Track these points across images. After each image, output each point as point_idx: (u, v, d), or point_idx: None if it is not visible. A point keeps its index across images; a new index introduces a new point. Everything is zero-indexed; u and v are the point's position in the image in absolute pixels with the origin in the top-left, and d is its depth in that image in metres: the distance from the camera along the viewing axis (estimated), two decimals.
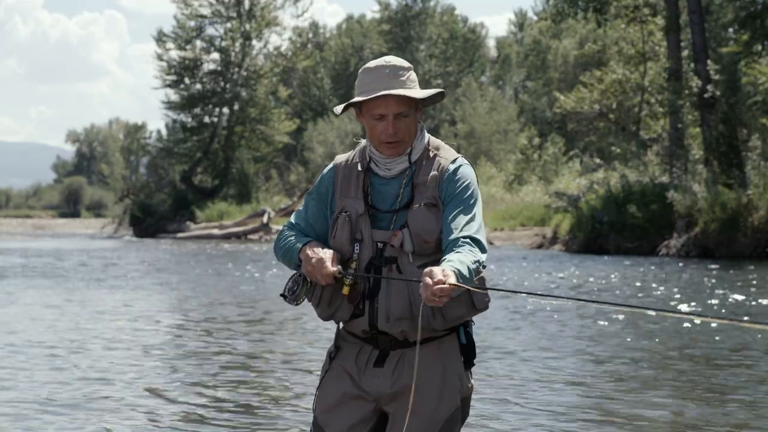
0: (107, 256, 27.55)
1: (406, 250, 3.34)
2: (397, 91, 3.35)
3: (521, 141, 52.93)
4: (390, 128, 3.37)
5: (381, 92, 3.35)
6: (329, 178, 3.52)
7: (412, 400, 3.28)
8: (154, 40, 55.49)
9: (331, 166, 3.54)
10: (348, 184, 3.46)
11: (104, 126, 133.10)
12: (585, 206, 28.58)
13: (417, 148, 3.45)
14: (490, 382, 8.14)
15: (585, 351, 9.96)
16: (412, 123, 3.42)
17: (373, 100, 3.38)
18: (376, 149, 3.45)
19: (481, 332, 10.78)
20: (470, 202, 3.40)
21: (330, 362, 3.50)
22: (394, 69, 3.40)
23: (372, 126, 3.41)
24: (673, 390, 8.00)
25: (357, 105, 3.44)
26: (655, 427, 6.74)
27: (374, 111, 3.39)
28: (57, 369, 8.91)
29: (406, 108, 3.39)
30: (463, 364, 3.46)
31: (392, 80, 3.38)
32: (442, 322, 3.35)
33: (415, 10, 73.19)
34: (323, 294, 3.41)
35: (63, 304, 14.62)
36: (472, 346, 3.48)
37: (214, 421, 6.93)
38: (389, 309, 3.34)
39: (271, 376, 8.67)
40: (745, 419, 6.91)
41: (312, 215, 3.53)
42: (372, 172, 3.46)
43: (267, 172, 57.82)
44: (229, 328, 11.96)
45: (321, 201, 3.52)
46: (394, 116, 3.37)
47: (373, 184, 3.44)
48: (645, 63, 35.47)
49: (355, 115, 3.51)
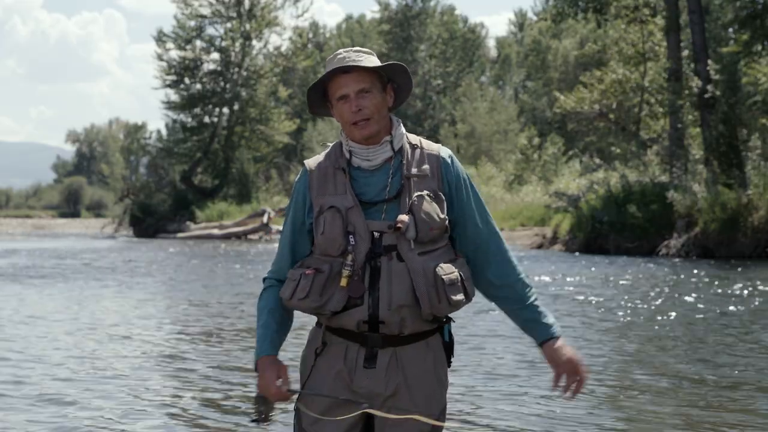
0: (107, 257, 27.55)
1: (408, 237, 3.30)
2: (352, 58, 3.34)
3: (521, 141, 52.93)
4: (353, 105, 3.33)
5: (335, 61, 3.35)
6: (303, 182, 3.44)
7: (408, 400, 3.27)
8: (154, 40, 55.53)
9: (303, 171, 3.47)
10: (324, 182, 3.39)
11: (104, 126, 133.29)
12: (585, 206, 28.57)
13: (397, 137, 3.40)
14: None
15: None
16: (378, 100, 3.36)
17: (332, 82, 3.35)
18: (351, 138, 3.39)
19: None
20: (478, 196, 3.48)
21: (311, 368, 3.39)
22: (348, 53, 3.39)
23: (340, 113, 3.37)
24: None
25: (328, 101, 3.41)
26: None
27: (336, 93, 3.36)
28: (57, 369, 8.91)
29: (367, 84, 3.34)
30: (446, 364, 3.45)
31: (346, 62, 3.36)
32: (448, 307, 3.32)
33: (415, 10, 73.21)
34: (314, 283, 3.32)
35: (63, 304, 14.62)
36: (453, 345, 3.47)
37: (214, 421, 6.93)
38: (391, 296, 3.27)
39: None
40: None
41: (293, 241, 3.44)
42: (352, 166, 3.40)
43: (267, 172, 57.82)
44: (229, 328, 11.96)
45: (297, 212, 3.43)
46: (355, 94, 3.33)
47: (355, 178, 3.38)
48: (645, 63, 35.47)
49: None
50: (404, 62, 3.77)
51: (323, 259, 3.35)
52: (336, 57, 3.39)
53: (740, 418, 6.96)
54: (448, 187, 3.40)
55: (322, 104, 3.47)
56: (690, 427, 6.73)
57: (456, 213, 3.41)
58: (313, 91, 3.43)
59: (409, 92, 3.49)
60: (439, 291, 3.29)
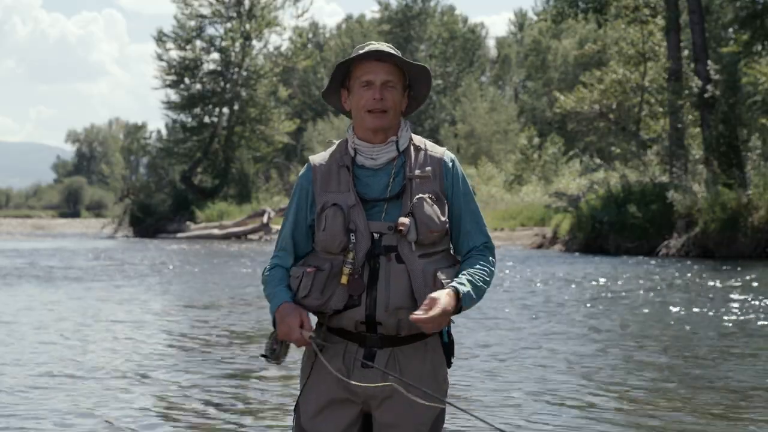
0: (107, 257, 27.54)
1: (409, 239, 3.31)
2: (386, 47, 3.38)
3: (521, 141, 52.94)
4: (377, 94, 3.35)
5: (370, 47, 3.38)
6: (307, 177, 3.45)
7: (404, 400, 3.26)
8: (154, 40, 55.50)
9: (308, 166, 3.48)
10: (328, 179, 3.41)
11: (104, 126, 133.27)
12: (585, 206, 28.58)
13: (403, 138, 3.43)
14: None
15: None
16: (398, 98, 3.40)
17: (361, 65, 3.38)
18: (362, 125, 3.41)
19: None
20: (474, 202, 3.46)
21: (312, 366, 3.40)
22: (382, 45, 3.42)
23: (359, 97, 3.39)
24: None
25: (346, 85, 3.44)
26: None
27: (362, 77, 3.38)
28: (57, 367, 8.91)
29: (393, 78, 3.38)
30: (446, 364, 3.45)
31: (383, 46, 3.40)
32: None
33: (415, 10, 73.21)
34: (314, 281, 3.33)
35: (62, 303, 14.62)
36: (453, 346, 3.48)
37: (214, 421, 6.93)
38: (389, 298, 3.28)
39: (273, 375, 8.67)
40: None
41: (293, 229, 3.45)
42: (356, 165, 3.42)
43: (267, 172, 57.80)
44: (230, 326, 11.96)
45: (300, 205, 3.44)
46: (381, 84, 3.37)
47: (358, 177, 3.40)
48: (645, 63, 35.45)
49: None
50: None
51: (324, 256, 3.36)
52: (369, 44, 3.42)
53: (740, 419, 6.96)
54: (449, 189, 3.42)
55: (335, 91, 3.49)
56: (690, 426, 6.73)
57: (453, 213, 3.42)
58: (339, 70, 3.44)
59: (421, 103, 3.53)
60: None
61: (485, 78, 77.56)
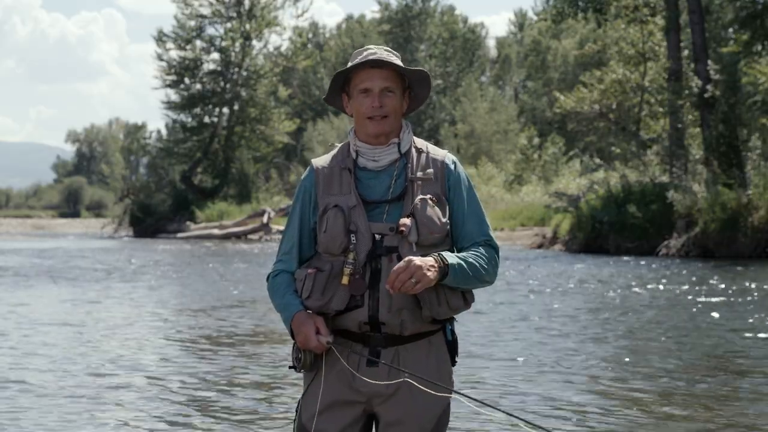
0: (107, 257, 27.55)
1: (410, 240, 3.33)
2: (384, 56, 3.38)
3: (521, 141, 52.95)
4: (376, 101, 3.38)
5: (368, 56, 3.38)
6: (310, 179, 3.47)
7: (409, 400, 3.28)
8: (154, 40, 55.50)
9: (310, 169, 3.50)
10: (330, 182, 3.43)
11: (104, 126, 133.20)
12: (585, 206, 28.58)
13: (405, 141, 3.45)
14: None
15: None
16: (397, 103, 3.42)
17: (359, 73, 3.39)
18: (363, 131, 3.43)
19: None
20: (477, 203, 3.47)
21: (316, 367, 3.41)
22: (380, 50, 3.43)
23: (359, 104, 3.41)
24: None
25: (346, 90, 3.45)
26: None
27: (360, 85, 3.40)
28: (56, 366, 8.91)
29: (392, 84, 3.41)
30: (450, 362, 3.46)
31: (378, 57, 3.41)
32: (447, 311, 3.35)
33: (415, 10, 73.20)
34: (315, 282, 3.36)
35: (63, 303, 14.62)
36: (456, 344, 3.48)
37: (214, 420, 6.93)
38: (391, 298, 3.30)
39: (273, 375, 8.67)
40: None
41: (297, 233, 3.46)
42: (358, 167, 3.43)
43: (267, 172, 57.79)
44: (230, 327, 11.96)
45: (304, 208, 3.46)
46: (380, 90, 3.39)
47: (360, 179, 3.42)
48: (645, 63, 35.45)
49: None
50: (404, 62, 3.81)
51: (325, 258, 3.39)
52: (366, 50, 3.44)
53: (740, 418, 6.96)
54: (450, 191, 3.43)
55: (337, 95, 3.51)
56: (690, 426, 6.74)
57: (454, 214, 3.43)
58: (337, 79, 3.46)
59: (422, 103, 3.56)
60: (440, 295, 3.32)
61: (485, 78, 77.54)
